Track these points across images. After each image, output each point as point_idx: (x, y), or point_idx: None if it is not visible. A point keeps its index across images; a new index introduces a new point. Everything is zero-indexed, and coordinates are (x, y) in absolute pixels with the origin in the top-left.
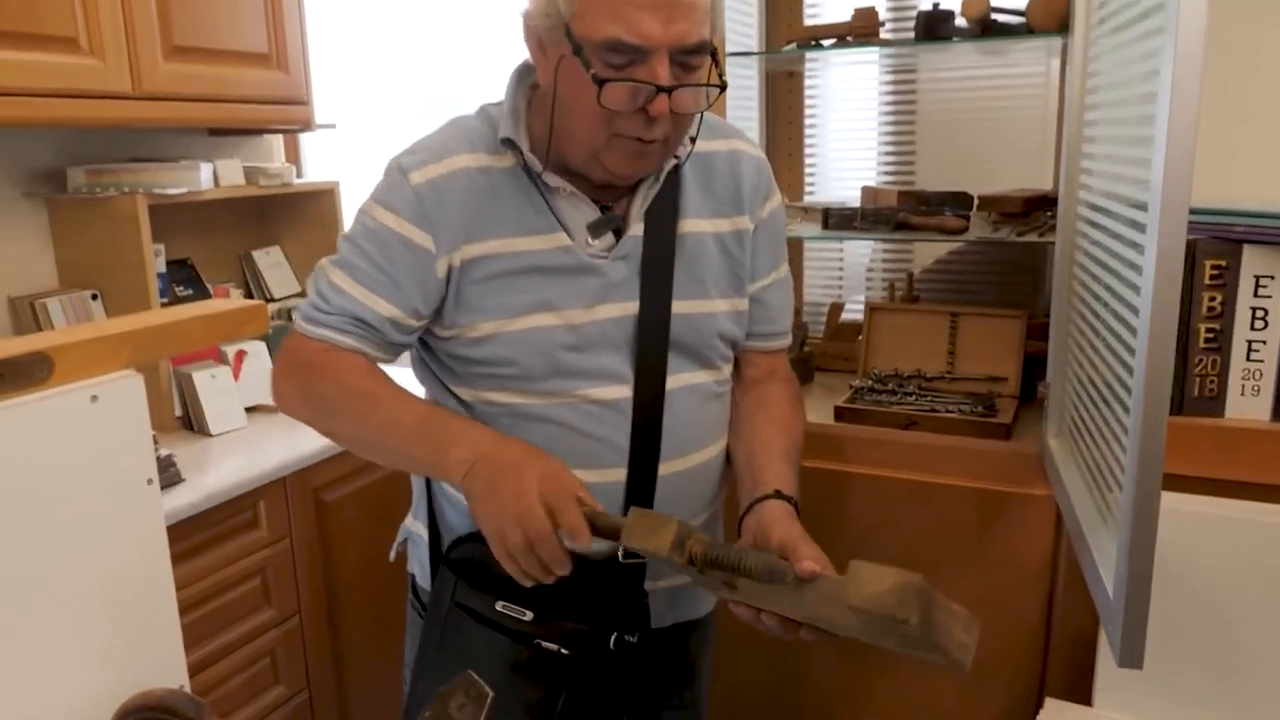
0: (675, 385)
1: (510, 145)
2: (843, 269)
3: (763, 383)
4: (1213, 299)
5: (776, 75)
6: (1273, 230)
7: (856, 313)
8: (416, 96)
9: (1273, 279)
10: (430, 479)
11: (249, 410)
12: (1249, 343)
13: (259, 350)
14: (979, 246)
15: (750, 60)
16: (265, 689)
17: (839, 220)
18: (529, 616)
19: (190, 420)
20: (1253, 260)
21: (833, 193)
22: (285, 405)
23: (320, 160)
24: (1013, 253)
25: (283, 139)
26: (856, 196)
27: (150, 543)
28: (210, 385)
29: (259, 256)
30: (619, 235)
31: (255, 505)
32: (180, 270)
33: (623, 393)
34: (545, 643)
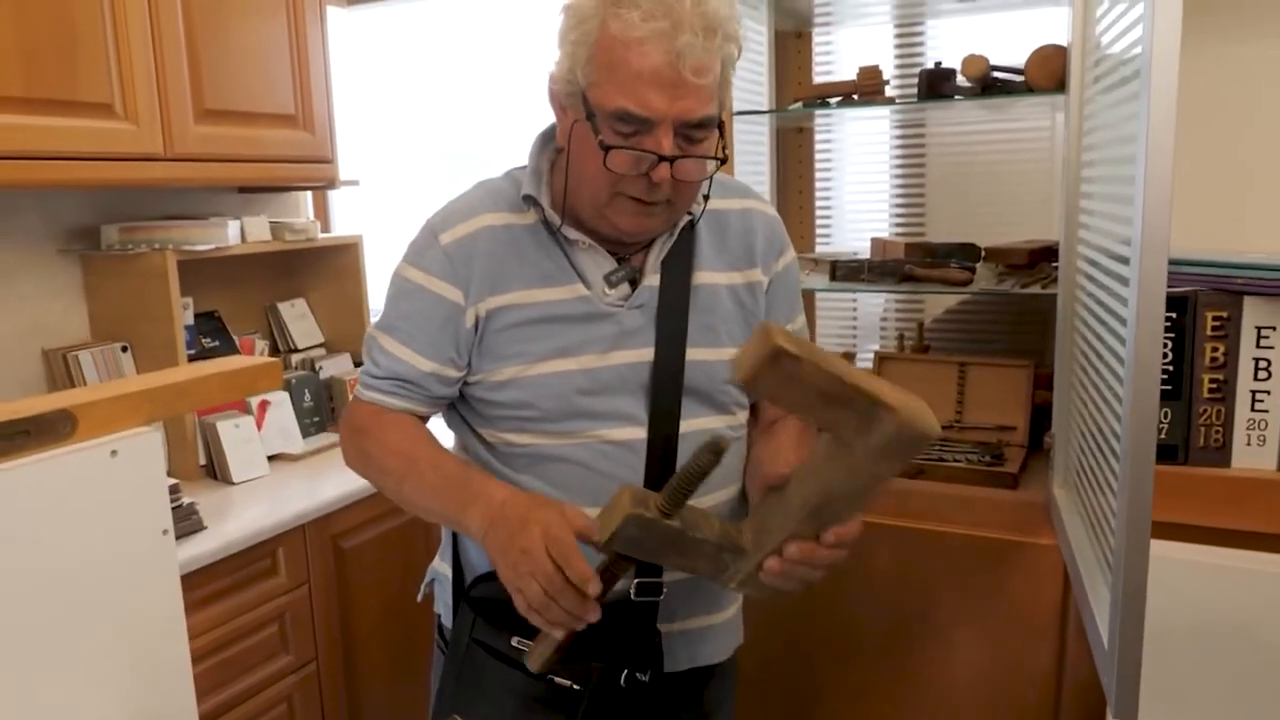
0: (689, 428)
1: (532, 202)
2: (856, 319)
3: (774, 420)
4: (1215, 349)
5: (786, 131)
6: (1272, 282)
7: (868, 362)
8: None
9: (1274, 330)
10: None
11: (271, 459)
12: (1253, 393)
13: (282, 400)
14: (989, 296)
15: (761, 117)
16: None
17: (846, 272)
18: None
19: (214, 469)
20: (1254, 311)
21: (847, 243)
22: (349, 464)
23: (347, 214)
24: (1022, 301)
25: (311, 193)
26: (869, 247)
27: (165, 592)
28: (234, 435)
29: (284, 309)
30: (635, 285)
31: (274, 552)
32: (207, 322)
33: (638, 434)
34: (558, 678)
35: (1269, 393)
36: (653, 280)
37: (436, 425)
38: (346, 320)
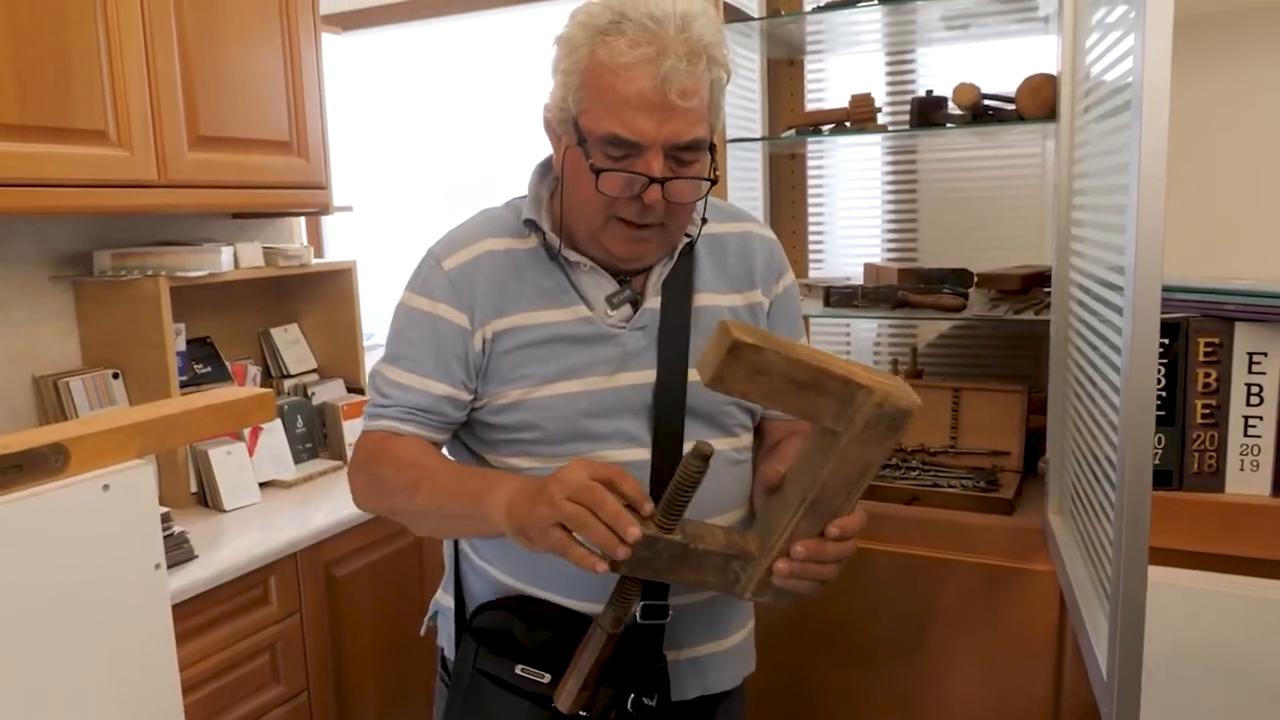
0: None
1: (533, 226)
2: (849, 343)
3: (780, 440)
4: (1208, 375)
5: (779, 157)
6: (1263, 308)
7: None
8: (430, 179)
9: (1266, 355)
10: (457, 551)
11: (263, 485)
12: (1245, 418)
13: (274, 426)
14: (982, 321)
15: (754, 143)
16: None
17: (840, 298)
18: (547, 679)
19: (205, 496)
20: (1245, 337)
21: (840, 268)
22: (358, 499)
23: (340, 239)
24: (1015, 327)
25: (304, 219)
26: (861, 272)
27: (156, 626)
28: (226, 462)
29: (277, 334)
30: (636, 307)
31: (266, 581)
32: (200, 348)
33: (641, 455)
34: None
35: (1261, 418)
36: (653, 302)
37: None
38: (340, 346)
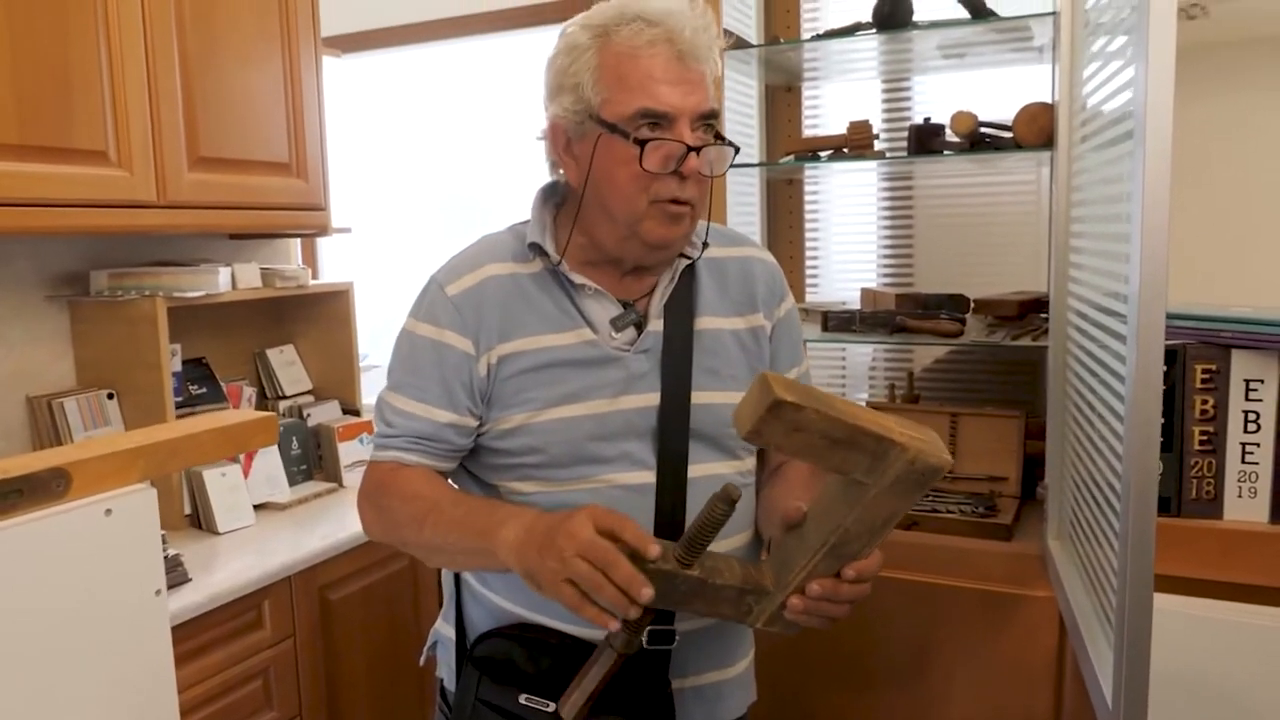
0: (698, 474)
1: (537, 250)
2: (845, 368)
3: (782, 464)
4: (1205, 402)
5: (777, 183)
6: (1260, 335)
7: None
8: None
9: (1263, 383)
10: (458, 581)
11: (257, 508)
12: (1243, 445)
13: (269, 448)
14: (979, 347)
15: (752, 169)
16: None
17: (838, 323)
18: (551, 708)
19: (199, 518)
20: (1242, 364)
21: (835, 293)
22: (367, 529)
23: (337, 260)
24: (1012, 352)
25: (300, 240)
26: (858, 297)
27: (156, 651)
28: (220, 484)
29: (273, 355)
30: (640, 330)
31: (260, 605)
32: (195, 369)
33: (646, 478)
34: None
35: (1259, 445)
36: (657, 325)
37: None
38: (335, 367)
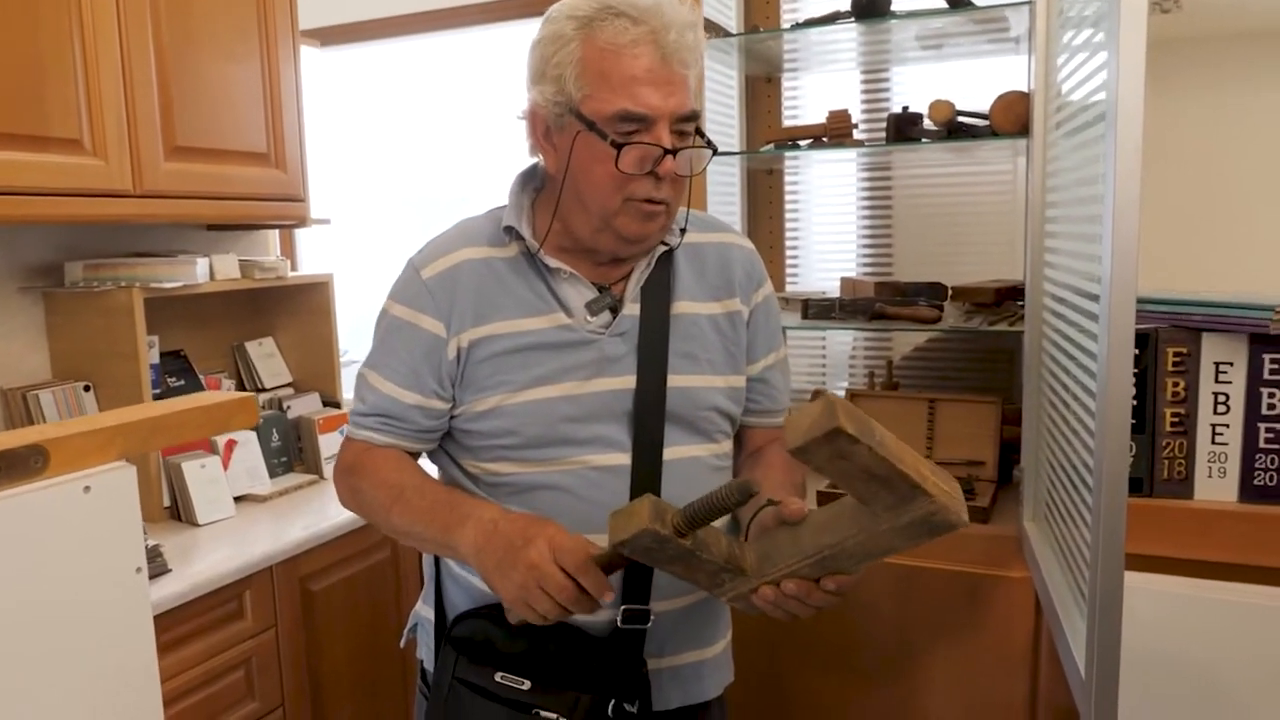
0: (674, 456)
1: (513, 233)
2: (825, 356)
3: (761, 447)
4: (1176, 384)
5: (757, 172)
6: (1229, 319)
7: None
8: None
9: (1232, 365)
10: (438, 562)
11: (238, 500)
12: (1213, 426)
13: (249, 439)
14: (957, 333)
15: (732, 159)
16: None
17: (818, 310)
18: (527, 685)
19: (179, 510)
20: (1212, 347)
21: (815, 282)
22: (344, 504)
23: (315, 252)
24: (989, 339)
25: (279, 232)
26: (837, 286)
27: (137, 630)
28: (199, 475)
29: (251, 347)
30: (615, 314)
31: (241, 595)
32: (173, 361)
33: (622, 460)
34: (544, 711)
35: (1228, 426)
36: (632, 309)
37: (422, 460)
38: (315, 359)
